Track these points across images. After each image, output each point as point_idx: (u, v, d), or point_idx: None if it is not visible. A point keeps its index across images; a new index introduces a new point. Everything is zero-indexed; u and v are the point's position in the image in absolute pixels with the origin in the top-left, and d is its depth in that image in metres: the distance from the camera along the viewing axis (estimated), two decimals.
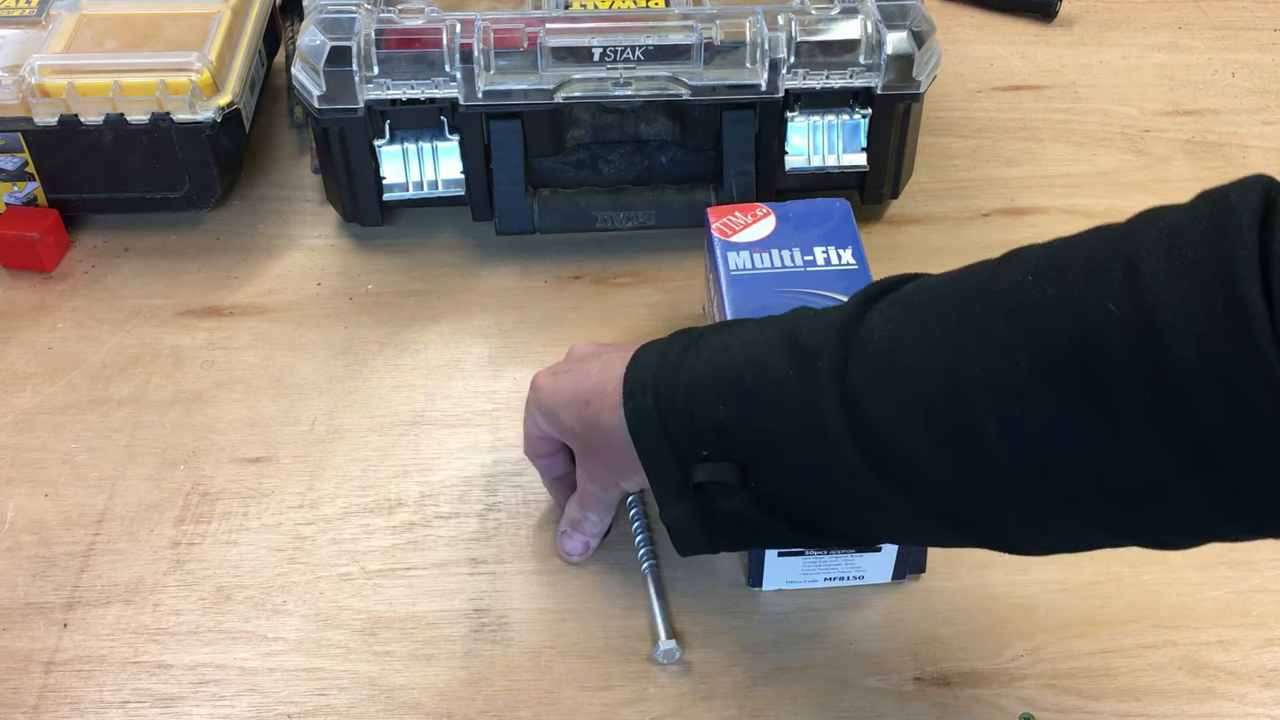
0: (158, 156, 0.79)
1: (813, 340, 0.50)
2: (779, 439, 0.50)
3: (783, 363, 0.51)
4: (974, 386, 0.44)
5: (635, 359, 0.56)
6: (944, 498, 0.47)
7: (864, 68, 0.76)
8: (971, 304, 0.47)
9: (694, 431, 0.53)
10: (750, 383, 0.51)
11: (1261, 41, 1.01)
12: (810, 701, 0.58)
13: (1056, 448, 0.43)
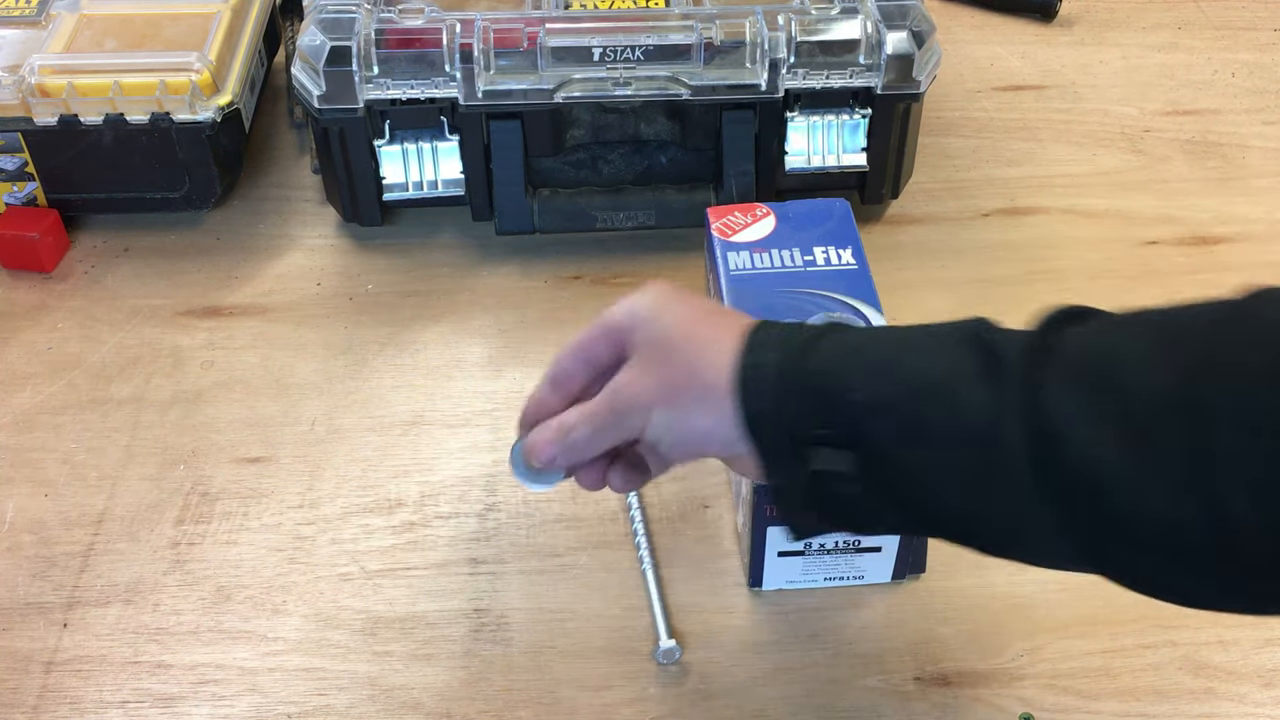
0: (158, 156, 0.79)
1: (999, 344, 0.47)
2: (930, 433, 0.47)
3: (959, 359, 0.47)
4: (1221, 409, 0.40)
5: (759, 324, 0.53)
6: (1127, 511, 0.43)
7: (864, 68, 0.76)
8: (1221, 331, 0.43)
9: (819, 406, 0.49)
10: (910, 373, 0.48)
11: (1261, 41, 1.01)
12: (810, 701, 0.58)
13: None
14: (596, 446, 0.55)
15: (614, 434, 0.54)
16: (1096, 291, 0.79)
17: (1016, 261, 0.81)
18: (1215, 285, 0.81)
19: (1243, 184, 0.87)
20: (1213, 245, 0.82)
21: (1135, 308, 0.46)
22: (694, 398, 0.51)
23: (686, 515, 0.66)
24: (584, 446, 0.55)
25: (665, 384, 0.52)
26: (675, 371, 0.52)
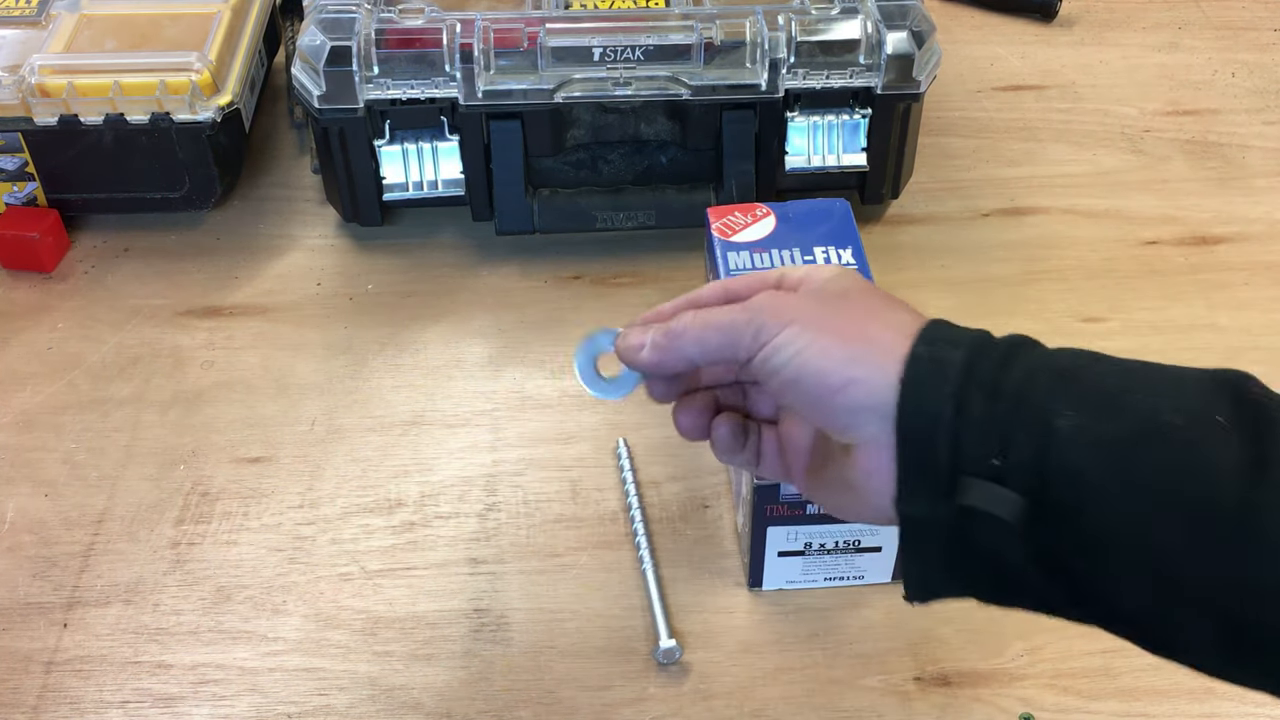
0: (158, 156, 0.79)
1: (1271, 408, 0.39)
2: (1146, 491, 0.38)
3: (1208, 406, 0.39)
4: None
5: (938, 320, 0.45)
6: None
7: (864, 68, 0.76)
8: None
9: (1004, 427, 0.40)
10: (1138, 411, 0.39)
11: (1261, 41, 1.01)
12: (810, 701, 0.58)
13: None
14: (698, 349, 0.46)
15: (727, 340, 0.45)
16: (1096, 291, 0.79)
17: (1016, 261, 0.81)
18: (1215, 285, 0.82)
19: (1243, 184, 0.87)
20: (1213, 245, 0.82)
21: None
22: (851, 341, 0.43)
23: (686, 515, 0.66)
24: (684, 343, 0.47)
25: (820, 314, 0.45)
26: (839, 313, 0.45)
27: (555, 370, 0.74)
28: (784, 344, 0.44)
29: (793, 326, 0.44)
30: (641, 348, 0.48)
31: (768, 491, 0.58)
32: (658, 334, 0.47)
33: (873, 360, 0.42)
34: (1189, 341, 0.75)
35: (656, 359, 0.47)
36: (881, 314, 0.45)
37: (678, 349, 0.47)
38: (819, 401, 0.43)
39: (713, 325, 0.46)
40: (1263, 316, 0.77)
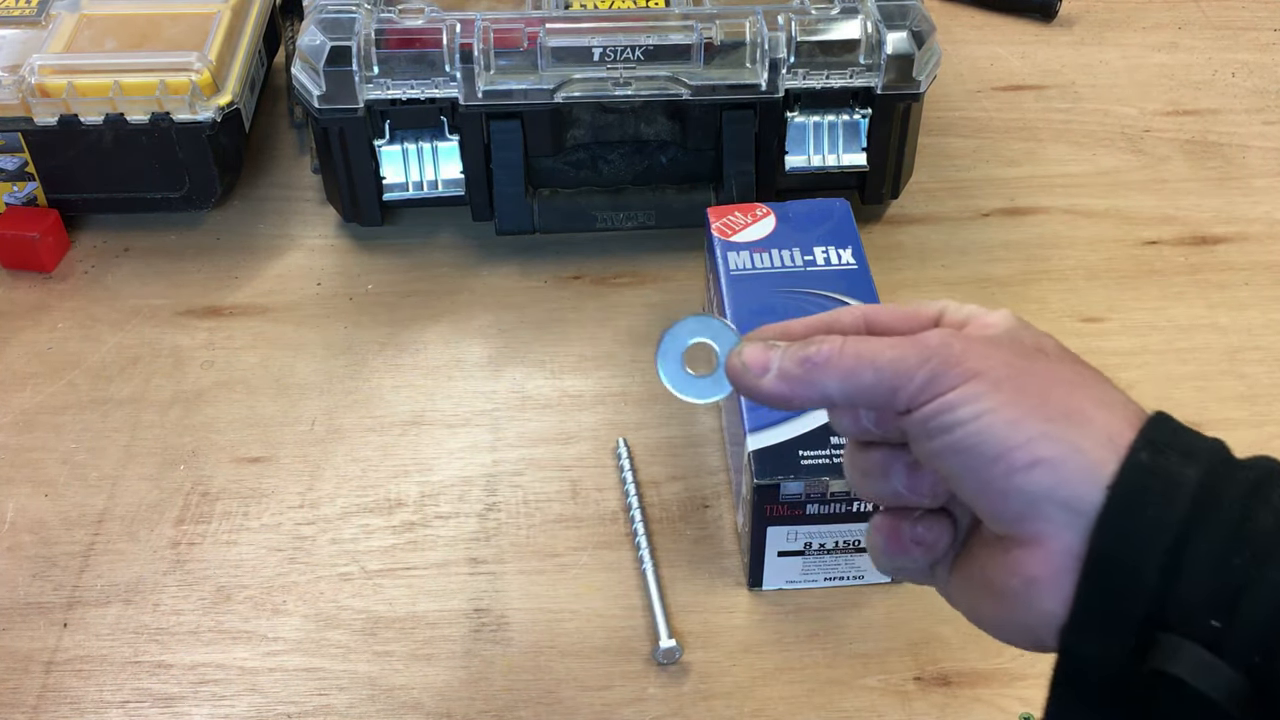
0: (158, 156, 0.79)
1: None
2: None
3: None
4: None
5: (1166, 417, 0.38)
6: None
7: (864, 68, 0.76)
8: None
9: (1246, 577, 0.32)
10: None
11: (1261, 41, 1.01)
12: (810, 701, 0.58)
13: None
14: (843, 387, 0.38)
15: (885, 382, 0.37)
16: (1096, 291, 0.79)
17: (1016, 261, 0.81)
18: (1215, 285, 0.82)
19: (1243, 184, 0.87)
20: (1213, 245, 0.82)
21: None
22: (1052, 413, 0.35)
23: (686, 515, 0.66)
24: (825, 376, 0.38)
25: (1014, 371, 0.36)
26: (1036, 374, 0.37)
27: (555, 370, 0.74)
28: (964, 400, 0.36)
29: (978, 380, 0.36)
30: (765, 371, 0.39)
31: (768, 491, 0.58)
32: (790, 359, 0.39)
33: (1076, 442, 0.35)
34: (1189, 341, 0.75)
35: (784, 391, 0.39)
36: (1092, 386, 0.37)
37: (815, 383, 0.38)
38: (993, 479, 0.35)
39: (868, 360, 0.37)
40: (1263, 316, 0.77)
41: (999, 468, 0.35)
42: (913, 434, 0.37)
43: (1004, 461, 0.35)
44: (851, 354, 0.38)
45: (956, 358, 0.37)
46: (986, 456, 0.35)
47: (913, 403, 0.37)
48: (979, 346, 0.37)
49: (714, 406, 0.71)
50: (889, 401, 0.38)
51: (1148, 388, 0.72)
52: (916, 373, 0.37)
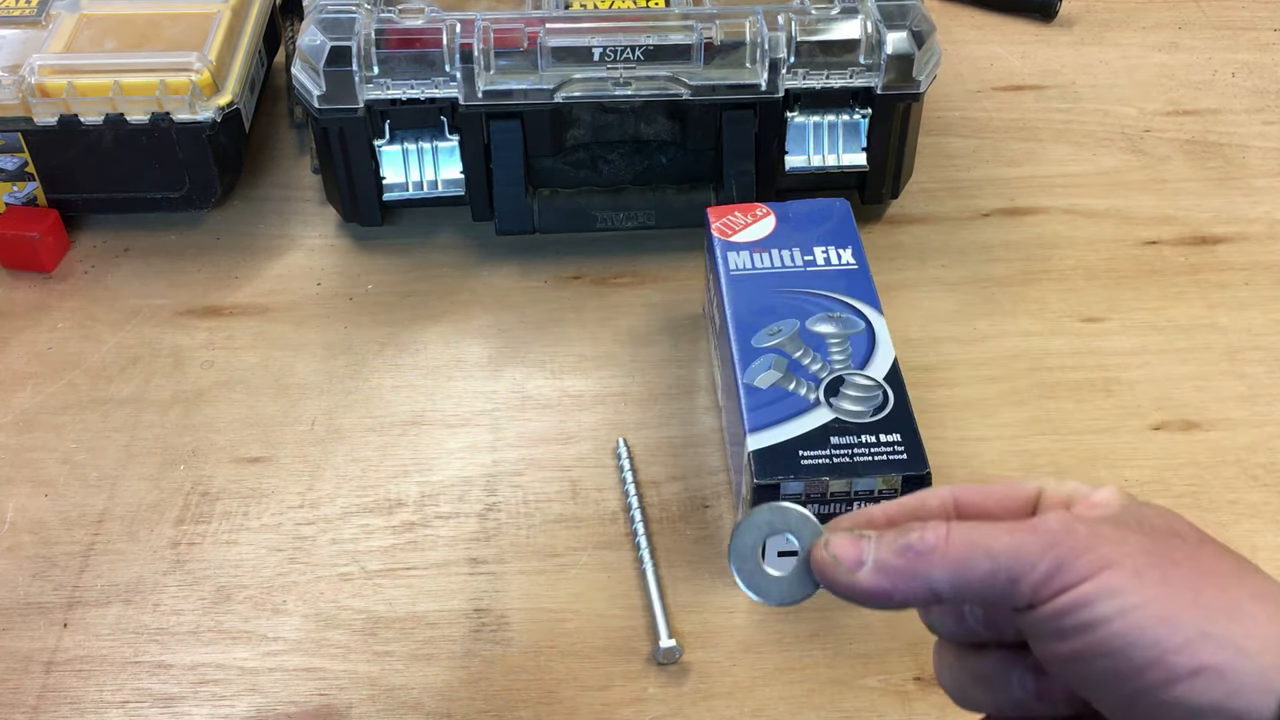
0: (158, 156, 0.79)
1: None
2: None
3: None
4: None
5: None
6: None
7: (864, 68, 0.76)
8: None
9: None
10: None
11: (1262, 41, 1.01)
12: (810, 701, 0.58)
13: None
14: (953, 578, 0.34)
15: (1002, 571, 0.33)
16: (1096, 291, 0.79)
17: (1016, 261, 0.81)
18: (1215, 285, 0.82)
19: (1243, 184, 0.87)
20: (1213, 245, 0.82)
21: None
22: (1209, 609, 0.31)
23: (686, 515, 0.66)
24: (931, 566, 0.34)
25: (1155, 559, 0.33)
26: (1180, 563, 0.33)
27: (555, 370, 0.74)
28: (1103, 593, 0.32)
29: (1116, 570, 0.32)
30: (859, 565, 0.35)
31: (767, 491, 0.58)
32: (888, 549, 0.35)
33: (1241, 645, 0.31)
34: (1189, 341, 0.75)
35: (884, 586, 0.35)
36: (1244, 575, 0.33)
37: (920, 575, 0.34)
38: (1147, 689, 0.31)
39: (982, 547, 0.33)
40: (1263, 316, 0.77)
41: (1155, 675, 0.31)
42: (1038, 634, 0.33)
43: (1161, 668, 0.31)
44: (962, 541, 0.34)
45: (1085, 544, 0.33)
46: (1137, 662, 0.31)
47: (1037, 596, 0.33)
48: (1108, 530, 0.33)
49: (713, 406, 0.71)
50: (1007, 595, 0.33)
51: (1148, 388, 0.72)
52: (1040, 561, 0.33)
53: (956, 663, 0.38)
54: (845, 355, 0.62)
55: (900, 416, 0.60)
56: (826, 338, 0.63)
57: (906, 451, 0.58)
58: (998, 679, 0.37)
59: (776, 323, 0.64)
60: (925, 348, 0.75)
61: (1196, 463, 0.68)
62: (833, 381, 0.61)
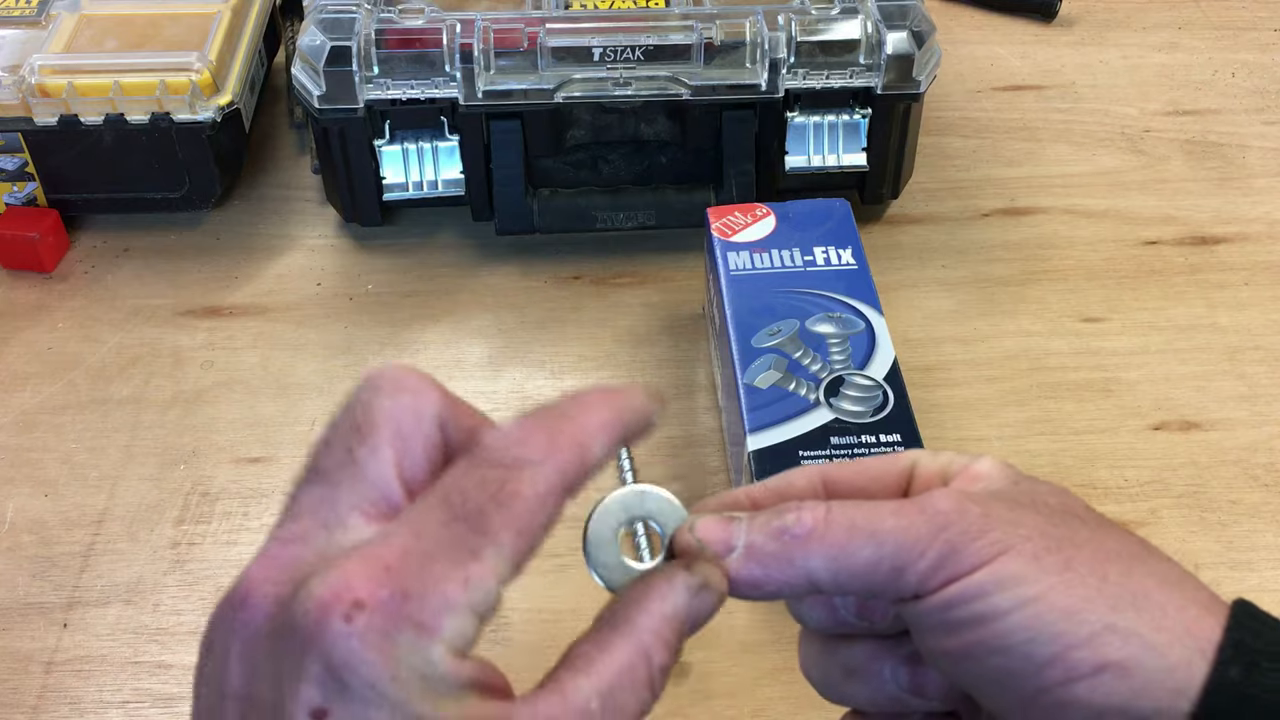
0: (158, 156, 0.79)
1: None
2: None
3: None
4: None
5: (1247, 606, 0.31)
6: None
7: (864, 68, 0.76)
8: None
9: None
10: None
11: (1262, 41, 1.01)
12: (810, 701, 0.58)
13: None
14: (833, 566, 0.31)
15: (887, 558, 0.30)
16: (1096, 291, 0.79)
17: (1016, 261, 0.81)
18: (1215, 285, 0.82)
19: (1243, 184, 0.87)
20: (1213, 245, 0.82)
21: None
22: (1115, 600, 0.29)
23: None
24: (810, 553, 0.31)
25: (1055, 542, 0.30)
26: (1081, 547, 0.30)
27: (555, 370, 0.74)
28: (999, 582, 0.29)
29: (1013, 556, 0.29)
30: (728, 550, 0.33)
31: None
32: (761, 532, 0.32)
33: (1149, 639, 0.28)
34: (1189, 341, 0.75)
35: (755, 574, 0.32)
36: (1148, 559, 0.30)
37: (795, 561, 0.31)
38: (1045, 688, 0.28)
39: (864, 530, 0.30)
40: (1263, 316, 0.77)
41: (1054, 673, 0.28)
42: (923, 626, 0.31)
43: (1061, 665, 0.28)
44: (842, 523, 0.31)
45: (978, 526, 0.30)
46: (1036, 660, 0.28)
47: (924, 586, 0.30)
48: (1002, 510, 0.30)
49: (713, 406, 0.71)
50: (890, 584, 0.30)
51: (1147, 388, 0.72)
52: (929, 548, 0.30)
53: (824, 654, 0.36)
54: (845, 355, 0.62)
55: (900, 417, 0.60)
56: (826, 338, 0.63)
57: None
58: (869, 672, 0.34)
59: (776, 323, 0.64)
60: (925, 348, 0.75)
61: (1196, 463, 0.68)
62: (833, 382, 0.61)
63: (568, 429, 0.31)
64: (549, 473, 0.31)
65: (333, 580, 0.27)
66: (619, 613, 0.35)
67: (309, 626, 0.27)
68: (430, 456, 0.31)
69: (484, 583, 0.29)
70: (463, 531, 0.29)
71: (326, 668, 0.27)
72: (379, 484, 0.30)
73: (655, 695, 0.32)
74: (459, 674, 0.29)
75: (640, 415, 0.33)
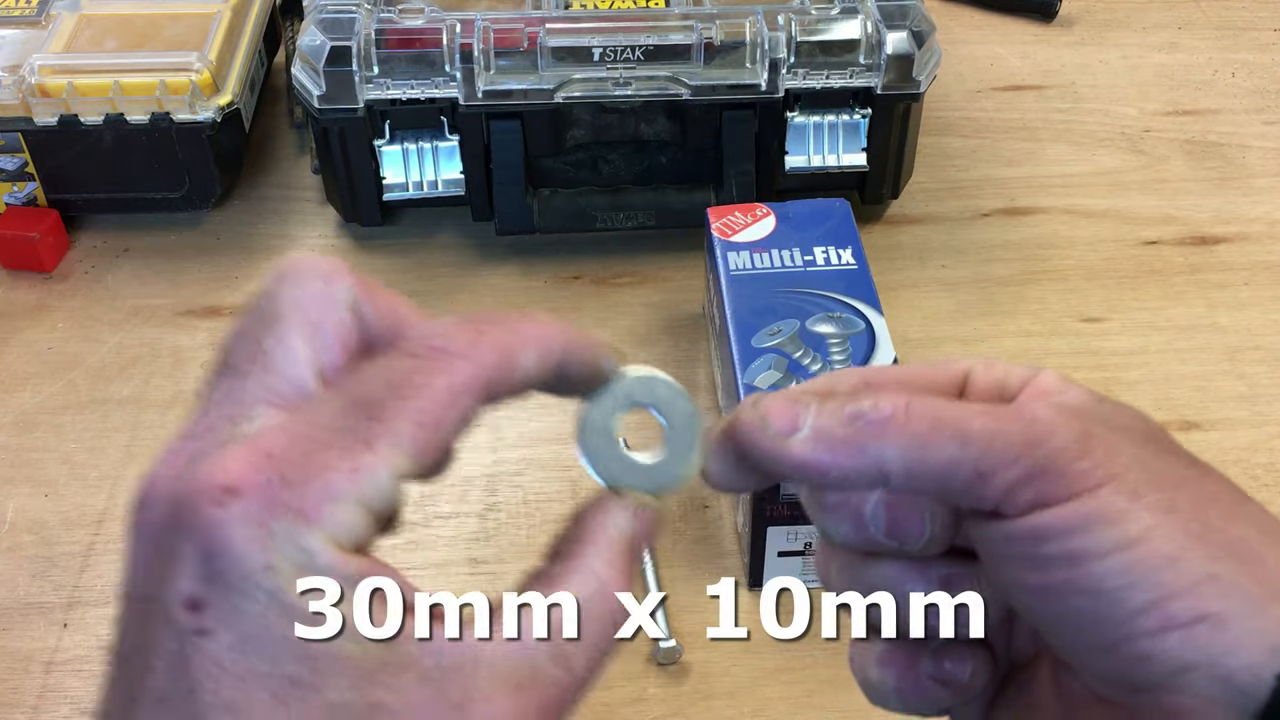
0: (158, 156, 0.79)
1: None
2: None
3: None
4: None
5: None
6: None
7: (864, 68, 0.76)
8: None
9: None
10: None
11: (1262, 41, 1.01)
12: (810, 702, 0.58)
13: None
14: (908, 458, 0.29)
15: (965, 457, 0.28)
16: (1096, 291, 0.79)
17: (1016, 261, 0.81)
18: (1215, 285, 0.82)
19: (1243, 184, 0.87)
20: (1213, 245, 0.82)
21: None
22: (1216, 547, 0.27)
23: (686, 515, 0.66)
24: (886, 441, 0.29)
25: (1159, 476, 0.27)
26: (1174, 478, 0.28)
27: None
28: (1101, 518, 0.26)
29: (1116, 488, 0.27)
30: (793, 429, 0.30)
31: (767, 492, 0.58)
32: (832, 416, 0.29)
33: (1249, 591, 0.26)
34: (1189, 341, 0.75)
35: (821, 458, 0.29)
36: (1248, 506, 0.28)
37: (868, 448, 0.29)
38: (1133, 635, 0.26)
39: (950, 426, 0.28)
40: (1263, 316, 0.77)
41: (1146, 622, 0.26)
42: (1001, 553, 0.28)
43: (1156, 614, 0.26)
44: (924, 415, 0.28)
45: (1078, 447, 0.27)
46: (1129, 606, 0.26)
47: (1008, 501, 0.27)
48: (1102, 431, 0.27)
49: (713, 406, 0.71)
50: (969, 491, 0.28)
51: (1148, 388, 0.72)
52: (1021, 456, 0.27)
53: (845, 570, 0.33)
54: (845, 355, 0.62)
55: None
56: (826, 338, 0.63)
57: None
58: (897, 595, 0.32)
59: (776, 323, 0.64)
60: (925, 348, 0.75)
61: None
62: None
63: (496, 332, 0.29)
64: (463, 368, 0.29)
65: (209, 466, 0.27)
66: (566, 544, 0.34)
67: (184, 514, 0.26)
68: (347, 346, 0.30)
69: (374, 474, 0.27)
70: (358, 420, 0.28)
71: (200, 557, 0.26)
72: (287, 374, 0.29)
73: (619, 627, 0.31)
74: (344, 568, 0.27)
75: (587, 351, 0.31)
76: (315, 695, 0.26)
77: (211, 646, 0.26)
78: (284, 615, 0.26)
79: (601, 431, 0.32)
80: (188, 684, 0.26)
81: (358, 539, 0.27)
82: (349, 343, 0.30)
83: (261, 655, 0.26)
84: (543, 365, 0.30)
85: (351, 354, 0.30)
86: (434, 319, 0.31)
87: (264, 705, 0.26)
